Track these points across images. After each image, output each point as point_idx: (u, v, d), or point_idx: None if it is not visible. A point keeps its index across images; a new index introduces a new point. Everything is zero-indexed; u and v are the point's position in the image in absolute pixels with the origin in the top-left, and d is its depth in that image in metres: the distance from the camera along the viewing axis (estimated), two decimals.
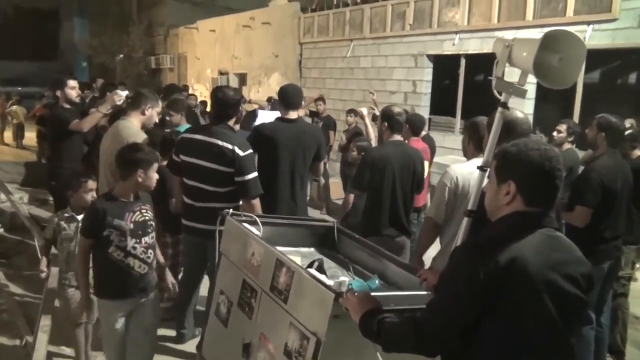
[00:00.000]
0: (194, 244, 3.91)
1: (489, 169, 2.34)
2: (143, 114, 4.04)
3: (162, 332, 4.17)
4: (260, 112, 5.93)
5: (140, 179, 2.91)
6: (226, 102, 3.75)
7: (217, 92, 3.83)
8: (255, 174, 3.68)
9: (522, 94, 2.24)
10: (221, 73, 17.40)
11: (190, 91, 13.28)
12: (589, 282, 1.79)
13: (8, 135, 15.60)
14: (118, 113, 4.82)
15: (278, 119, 4.30)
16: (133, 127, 3.94)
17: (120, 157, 2.99)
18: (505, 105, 2.28)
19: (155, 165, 3.02)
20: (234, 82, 16.60)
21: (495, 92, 2.29)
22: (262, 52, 15.21)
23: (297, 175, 4.18)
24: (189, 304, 4.05)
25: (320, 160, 4.39)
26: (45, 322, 2.94)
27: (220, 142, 3.61)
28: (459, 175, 3.24)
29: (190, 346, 4.02)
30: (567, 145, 5.39)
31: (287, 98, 4.25)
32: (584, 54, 2.13)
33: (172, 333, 4.15)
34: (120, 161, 2.97)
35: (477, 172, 3.15)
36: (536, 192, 1.76)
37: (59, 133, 4.88)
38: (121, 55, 22.79)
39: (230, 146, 3.59)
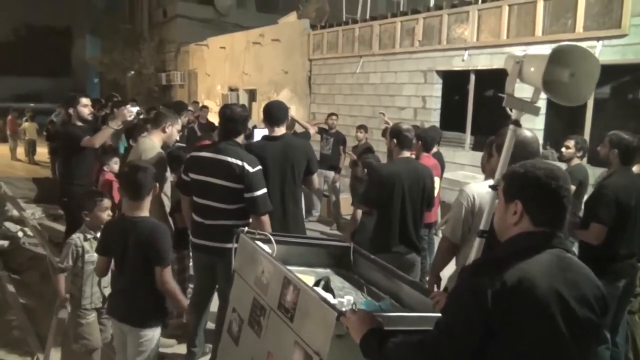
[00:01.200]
0: (204, 263, 3.90)
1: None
2: (164, 131, 4.11)
3: (172, 349, 4.18)
4: (256, 130, 5.92)
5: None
6: (234, 119, 3.76)
7: (225, 110, 3.86)
8: (264, 190, 3.67)
9: (534, 111, 2.22)
10: (231, 89, 17.51)
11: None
12: (603, 305, 1.75)
13: (20, 151, 15.77)
14: (132, 129, 4.87)
15: (264, 137, 4.24)
16: (150, 144, 4.00)
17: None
18: (517, 123, 2.26)
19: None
20: (243, 99, 16.69)
21: (507, 109, 2.27)
22: (272, 69, 15.31)
23: (287, 191, 4.09)
24: (199, 322, 4.02)
25: (312, 174, 4.28)
26: (56, 337, 2.94)
27: (229, 159, 3.62)
28: (475, 194, 3.20)
29: None
30: (576, 161, 5.36)
31: (271, 115, 4.20)
32: (597, 70, 2.10)
33: (182, 350, 4.13)
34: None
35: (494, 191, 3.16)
36: (543, 212, 1.74)
37: (71, 150, 4.93)
38: (132, 72, 23.01)
39: (240, 162, 3.59)
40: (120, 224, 3.07)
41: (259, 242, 2.88)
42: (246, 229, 3.06)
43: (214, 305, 4.01)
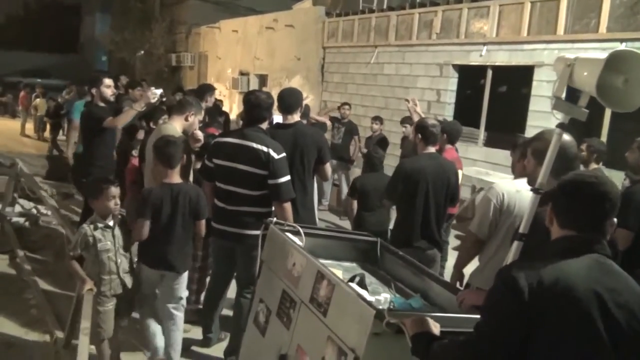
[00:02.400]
0: (223, 249, 3.89)
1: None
2: (186, 119, 4.07)
3: (188, 335, 4.18)
4: (275, 117, 5.86)
5: None
6: (258, 105, 3.74)
7: (250, 96, 3.83)
8: (288, 177, 3.65)
9: (582, 115, 2.18)
10: (242, 73, 17.42)
11: None
12: None
13: (29, 127, 15.76)
14: (152, 112, 4.84)
15: (275, 125, 4.18)
16: (173, 130, 3.95)
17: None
18: (563, 127, 2.23)
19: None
20: (254, 83, 16.61)
21: (554, 113, 2.24)
22: (284, 55, 15.22)
23: (296, 180, 4.00)
24: (216, 308, 4.02)
25: (324, 163, 4.22)
26: (86, 324, 2.92)
27: (254, 145, 3.60)
28: (505, 192, 3.20)
29: (215, 350, 4.01)
30: (593, 165, 5.30)
31: (283, 102, 4.16)
32: None
33: (198, 336, 4.13)
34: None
35: (523, 191, 3.14)
36: (568, 213, 1.77)
37: (93, 130, 4.90)
38: (142, 52, 22.90)
39: (265, 149, 3.58)
40: (164, 189, 3.55)
41: (288, 234, 2.86)
42: (275, 219, 3.04)
43: (231, 293, 4.01)
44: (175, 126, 4.00)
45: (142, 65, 23.09)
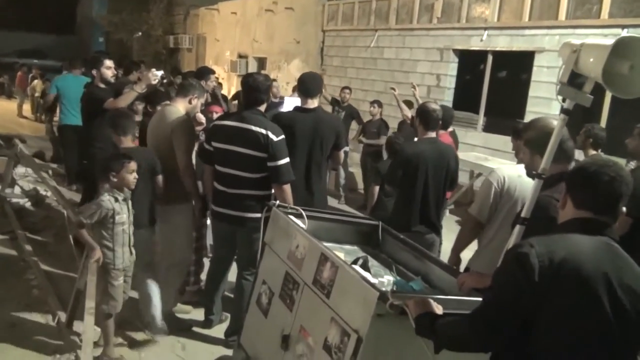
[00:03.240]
0: (224, 232, 3.91)
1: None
2: (190, 102, 4.06)
3: (189, 316, 4.22)
4: (287, 99, 5.88)
5: None
6: (257, 88, 3.73)
7: (248, 78, 3.83)
8: (287, 159, 3.67)
9: (586, 101, 2.20)
10: (240, 56, 17.33)
11: None
12: None
13: (26, 108, 15.67)
14: (153, 94, 4.82)
15: (296, 108, 4.26)
16: (177, 112, 3.95)
17: None
18: (568, 112, 2.24)
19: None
20: (253, 66, 16.53)
21: (559, 99, 2.25)
22: (284, 38, 15.13)
23: (313, 165, 4.11)
24: (217, 290, 4.05)
25: (339, 149, 4.29)
26: (90, 304, 2.95)
27: (253, 128, 3.61)
28: (506, 177, 3.23)
29: (217, 331, 4.04)
30: (591, 151, 5.32)
31: (304, 86, 4.20)
32: None
33: (199, 317, 4.17)
34: None
35: (524, 176, 3.17)
36: (583, 194, 1.80)
37: (93, 112, 4.89)
38: (139, 33, 22.73)
39: (264, 131, 3.58)
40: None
41: (291, 217, 2.88)
42: (278, 202, 3.06)
43: (231, 276, 4.04)
44: (179, 108, 4.00)
45: (140, 47, 22.94)
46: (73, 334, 3.66)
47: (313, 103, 4.17)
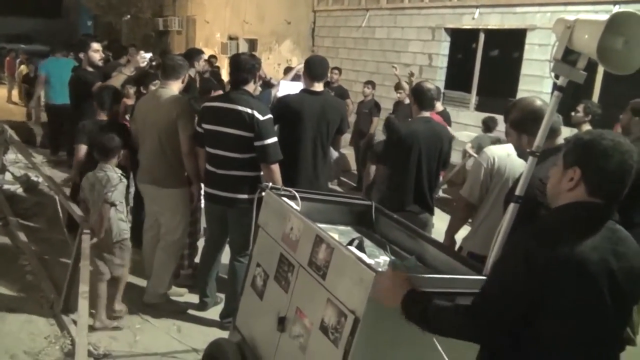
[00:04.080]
0: (215, 213, 3.93)
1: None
2: (183, 82, 4.03)
3: (183, 298, 4.23)
4: (282, 82, 5.83)
5: None
6: (241, 67, 3.74)
7: (234, 58, 3.85)
8: (275, 139, 3.67)
9: (580, 78, 2.17)
10: (231, 38, 17.16)
11: None
12: None
13: (14, 94, 15.47)
14: (143, 76, 4.77)
15: (303, 90, 4.26)
16: (176, 95, 3.97)
17: None
18: (562, 89, 2.22)
19: None
20: (243, 48, 16.36)
21: (552, 76, 2.22)
22: (274, 19, 14.97)
23: (319, 148, 4.16)
24: (210, 272, 4.06)
25: (342, 134, 4.38)
26: (84, 288, 2.94)
27: (239, 107, 3.62)
28: (496, 157, 3.24)
29: (211, 313, 4.06)
30: (585, 126, 5.34)
31: (313, 69, 4.22)
32: None
33: (193, 300, 4.18)
34: None
35: (513, 155, 3.17)
36: (600, 183, 1.71)
37: (82, 95, 4.84)
38: (128, 16, 22.43)
39: (249, 110, 3.59)
40: (95, 123, 4.30)
41: (285, 199, 2.86)
42: (271, 184, 3.04)
43: (225, 258, 4.04)
44: (174, 90, 3.97)
45: (129, 30, 22.66)
46: (68, 319, 3.66)
47: (320, 86, 4.21)
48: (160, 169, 3.94)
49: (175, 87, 3.99)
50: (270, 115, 3.67)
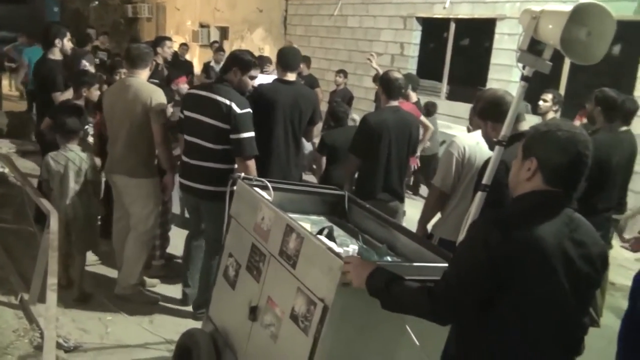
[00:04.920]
0: (191, 204, 3.94)
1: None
2: (150, 70, 3.99)
3: (156, 289, 4.21)
4: (260, 75, 5.82)
5: None
6: (236, 61, 3.74)
7: (234, 52, 3.91)
8: (251, 133, 3.64)
9: (546, 68, 2.21)
10: (202, 25, 16.92)
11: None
12: (603, 262, 1.84)
13: None
14: (114, 63, 4.74)
15: (277, 80, 4.27)
16: (147, 84, 3.92)
17: None
18: (527, 79, 2.26)
19: None
20: (215, 36, 16.16)
21: (519, 66, 2.27)
22: (246, 6, 14.81)
23: (292, 138, 4.18)
24: (191, 263, 4.01)
25: (314, 124, 4.39)
26: (53, 280, 2.90)
27: (218, 98, 3.60)
28: (466, 146, 3.29)
29: (184, 304, 4.04)
30: (551, 115, 5.44)
31: (285, 59, 4.24)
32: (612, 29, 2.10)
33: (165, 291, 4.16)
34: None
35: (482, 143, 3.22)
36: (556, 171, 1.76)
37: (48, 86, 4.79)
38: (96, 2, 21.91)
39: (227, 102, 3.57)
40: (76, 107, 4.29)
41: (257, 189, 2.86)
42: (243, 174, 3.03)
43: None
44: (143, 78, 3.94)
45: (97, 17, 22.11)
46: (38, 311, 3.60)
47: (292, 76, 4.23)
48: (130, 158, 3.89)
49: (143, 76, 3.95)
50: (248, 110, 3.63)
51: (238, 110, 3.56)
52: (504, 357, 1.74)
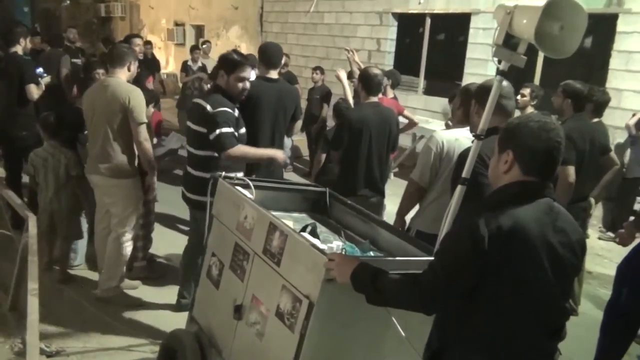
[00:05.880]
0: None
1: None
2: (129, 69, 3.94)
3: (136, 292, 4.18)
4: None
5: None
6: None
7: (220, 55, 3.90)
8: (229, 129, 3.57)
9: (521, 62, 2.25)
10: (177, 24, 16.78)
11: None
12: (582, 248, 1.91)
13: None
14: (87, 64, 4.68)
15: (259, 77, 4.23)
16: (124, 84, 3.87)
17: None
18: (504, 74, 2.30)
19: None
20: (190, 34, 16.06)
21: (494, 60, 2.30)
22: (221, 3, 14.73)
23: (277, 135, 4.18)
24: (189, 271, 3.90)
25: (296, 120, 4.44)
26: (33, 285, 2.86)
27: (199, 101, 3.64)
28: (444, 140, 3.32)
29: (166, 306, 4.02)
30: (529, 109, 5.53)
31: (268, 57, 4.20)
32: (584, 23, 2.15)
33: (147, 292, 4.13)
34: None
35: (462, 139, 3.27)
36: (533, 161, 1.82)
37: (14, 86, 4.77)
38: (68, 1, 21.56)
39: (203, 103, 3.58)
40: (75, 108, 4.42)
41: (238, 187, 2.86)
42: (224, 173, 3.02)
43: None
44: (122, 78, 3.89)
45: (69, 16, 21.75)
46: (18, 317, 3.55)
47: (275, 74, 4.20)
48: (110, 158, 3.86)
49: (122, 76, 3.90)
50: (223, 109, 3.56)
51: (211, 110, 3.54)
52: (488, 344, 1.79)
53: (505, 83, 2.93)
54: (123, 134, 3.84)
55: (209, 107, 3.55)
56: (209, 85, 6.22)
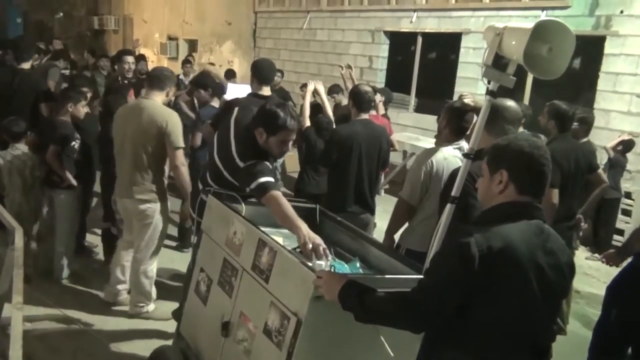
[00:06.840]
0: None
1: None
2: (167, 95, 3.95)
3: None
4: (230, 85, 5.80)
5: None
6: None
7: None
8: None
9: (509, 82, 2.28)
10: (170, 38, 16.83)
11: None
12: (571, 270, 1.92)
13: None
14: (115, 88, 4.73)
15: (252, 94, 4.20)
16: (161, 107, 3.85)
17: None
18: (493, 94, 2.32)
19: None
20: (183, 49, 16.10)
21: (484, 81, 2.33)
22: (215, 19, 14.80)
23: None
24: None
25: None
26: (18, 299, 2.82)
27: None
28: (434, 160, 3.33)
29: (155, 321, 3.98)
30: (520, 129, 5.58)
31: (261, 73, 4.17)
32: (572, 46, 2.19)
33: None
34: None
35: (450, 158, 3.29)
36: (527, 180, 1.83)
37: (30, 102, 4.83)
38: (61, 14, 21.60)
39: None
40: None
41: (228, 203, 2.86)
42: (212, 189, 3.02)
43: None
44: (158, 101, 3.86)
45: (62, 29, 21.79)
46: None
47: (268, 90, 4.16)
48: (144, 182, 3.83)
49: (158, 99, 3.85)
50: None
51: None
52: None
53: (514, 107, 2.96)
54: (156, 158, 3.81)
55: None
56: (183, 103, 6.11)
